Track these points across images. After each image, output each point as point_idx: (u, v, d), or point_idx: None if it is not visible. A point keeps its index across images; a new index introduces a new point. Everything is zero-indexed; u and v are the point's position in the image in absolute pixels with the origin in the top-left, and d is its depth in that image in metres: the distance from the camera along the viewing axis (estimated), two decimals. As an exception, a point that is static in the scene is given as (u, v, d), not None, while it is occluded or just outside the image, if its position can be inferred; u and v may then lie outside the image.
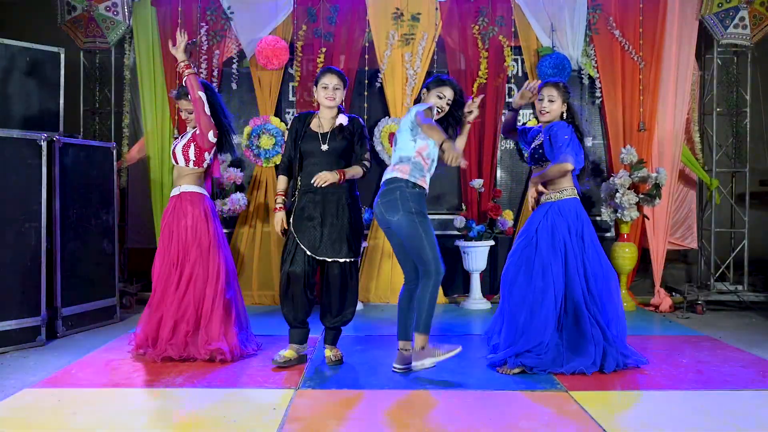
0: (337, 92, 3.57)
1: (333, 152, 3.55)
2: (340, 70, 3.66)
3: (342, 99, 3.64)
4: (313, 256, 3.51)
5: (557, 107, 3.64)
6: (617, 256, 5.48)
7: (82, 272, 4.55)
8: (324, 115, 3.63)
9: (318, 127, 3.61)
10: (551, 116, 3.65)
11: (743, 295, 5.63)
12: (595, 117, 5.87)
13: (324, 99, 3.57)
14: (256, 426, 2.76)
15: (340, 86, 3.58)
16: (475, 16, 5.74)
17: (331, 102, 3.57)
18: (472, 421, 2.80)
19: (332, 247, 3.51)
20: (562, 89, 3.64)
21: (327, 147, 3.54)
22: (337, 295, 3.59)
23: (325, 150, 3.54)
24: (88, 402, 3.04)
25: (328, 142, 3.55)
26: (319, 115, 3.65)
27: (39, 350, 4.08)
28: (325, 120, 3.62)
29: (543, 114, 3.66)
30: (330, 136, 3.57)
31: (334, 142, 3.56)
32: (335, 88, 3.56)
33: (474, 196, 5.69)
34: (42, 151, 4.22)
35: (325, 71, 3.61)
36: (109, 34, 5.66)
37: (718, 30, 5.62)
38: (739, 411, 2.96)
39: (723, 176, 5.97)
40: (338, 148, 3.56)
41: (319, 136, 3.58)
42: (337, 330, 3.72)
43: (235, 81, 5.77)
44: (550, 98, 3.63)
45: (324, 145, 3.55)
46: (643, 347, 4.10)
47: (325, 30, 5.70)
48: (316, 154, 3.55)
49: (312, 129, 3.61)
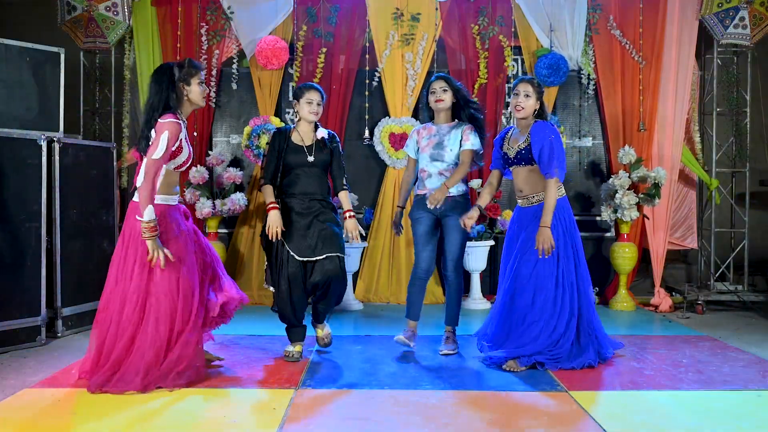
0: (320, 108, 3.77)
1: (318, 164, 3.75)
2: (320, 87, 3.82)
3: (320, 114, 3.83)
4: (307, 259, 3.62)
5: (532, 103, 3.65)
6: (617, 256, 5.48)
7: (82, 272, 4.55)
8: (303, 129, 3.80)
9: (300, 141, 3.77)
10: (526, 112, 3.65)
11: (743, 295, 5.63)
12: (595, 117, 5.87)
13: (308, 114, 3.74)
14: (256, 426, 2.76)
15: (322, 102, 3.78)
16: (475, 16, 5.74)
17: (315, 117, 3.75)
18: (472, 421, 2.80)
19: (325, 245, 3.63)
20: (536, 86, 3.67)
21: (313, 159, 3.73)
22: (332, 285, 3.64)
23: (311, 161, 3.73)
24: (88, 402, 3.04)
25: (313, 154, 3.74)
26: (298, 129, 3.81)
27: (39, 350, 4.07)
28: (305, 134, 3.79)
29: (518, 110, 3.66)
30: (315, 148, 3.76)
31: (319, 155, 3.76)
32: (318, 104, 3.75)
33: (474, 196, 5.69)
34: (42, 151, 4.22)
35: (309, 87, 3.78)
36: (109, 34, 5.66)
37: (718, 30, 5.62)
38: (739, 411, 2.96)
39: (723, 176, 5.97)
40: (322, 159, 3.76)
41: (305, 148, 3.75)
42: (325, 310, 3.83)
43: (235, 81, 5.77)
44: (525, 93, 3.64)
45: (310, 156, 3.73)
46: (643, 347, 4.11)
47: (325, 30, 5.70)
48: (303, 165, 3.73)
49: (295, 143, 3.76)
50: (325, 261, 3.60)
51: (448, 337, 3.96)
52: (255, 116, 5.67)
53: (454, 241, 3.83)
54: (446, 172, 3.83)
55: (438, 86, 3.84)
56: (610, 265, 5.65)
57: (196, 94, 3.32)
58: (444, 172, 3.83)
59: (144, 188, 3.08)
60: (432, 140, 3.88)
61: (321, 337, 3.91)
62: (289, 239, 3.64)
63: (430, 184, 3.85)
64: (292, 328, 3.78)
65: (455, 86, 3.86)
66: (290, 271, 3.62)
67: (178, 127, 3.18)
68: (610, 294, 5.65)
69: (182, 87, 3.29)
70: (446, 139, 3.84)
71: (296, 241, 3.63)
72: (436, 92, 3.84)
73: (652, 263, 5.66)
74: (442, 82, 3.84)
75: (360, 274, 5.70)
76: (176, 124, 3.18)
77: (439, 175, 3.84)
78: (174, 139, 3.16)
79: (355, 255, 5.44)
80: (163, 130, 3.12)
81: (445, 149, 3.83)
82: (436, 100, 3.84)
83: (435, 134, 3.89)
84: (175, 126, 3.16)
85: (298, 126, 3.81)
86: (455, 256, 3.85)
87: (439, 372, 3.52)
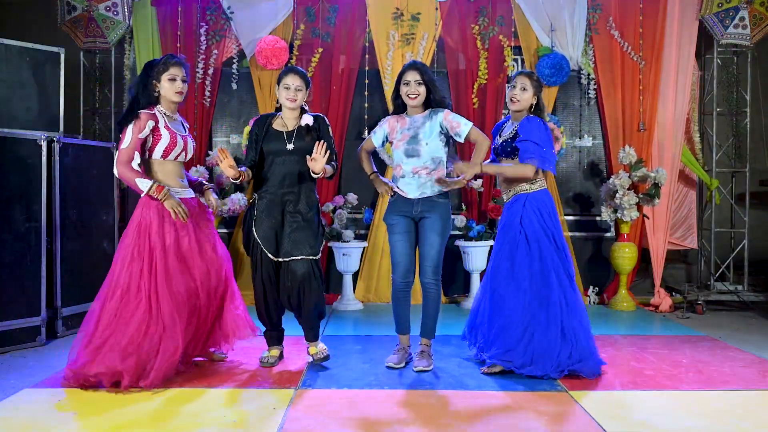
0: (299, 93, 3.49)
1: (298, 151, 3.48)
2: (303, 71, 3.56)
3: (304, 100, 3.56)
4: (276, 259, 3.47)
5: (528, 97, 3.56)
6: (617, 256, 5.48)
7: (82, 272, 4.55)
8: (287, 116, 3.57)
9: (282, 127, 3.55)
10: (521, 105, 3.56)
11: (743, 295, 5.63)
12: (595, 117, 5.87)
13: (285, 100, 3.50)
14: (256, 426, 2.76)
15: (302, 87, 3.50)
16: (475, 16, 5.74)
17: (292, 103, 3.50)
18: (472, 421, 2.80)
19: (295, 246, 3.44)
20: (535, 80, 3.59)
21: (292, 146, 3.48)
22: (305, 293, 3.46)
23: (291, 149, 3.48)
24: (88, 402, 3.04)
25: (293, 141, 3.49)
26: (282, 116, 3.58)
27: (39, 350, 4.07)
28: (288, 120, 3.56)
29: (513, 102, 3.58)
30: (296, 134, 3.51)
31: (300, 142, 3.49)
32: (297, 89, 3.48)
33: (474, 196, 5.70)
34: (42, 151, 4.22)
35: (288, 71, 3.51)
36: (109, 34, 5.66)
37: (718, 30, 5.62)
38: (739, 411, 2.96)
39: (723, 176, 5.97)
40: (304, 147, 3.47)
41: (284, 135, 3.51)
42: (311, 327, 3.58)
43: (235, 81, 5.78)
44: (522, 86, 3.55)
45: (289, 144, 3.48)
46: (643, 347, 4.11)
47: (324, 30, 5.70)
48: (281, 153, 3.49)
49: (275, 128, 3.54)
50: (296, 264, 3.43)
51: (423, 351, 3.60)
52: (255, 116, 5.66)
53: (433, 243, 3.49)
54: (422, 171, 3.49)
55: (412, 78, 3.49)
56: (610, 265, 5.65)
57: (166, 89, 3.42)
58: (420, 170, 3.50)
59: (122, 174, 3.31)
60: (406, 134, 3.54)
61: (312, 354, 3.61)
62: (264, 238, 3.47)
63: (403, 186, 3.54)
64: (268, 332, 3.66)
65: (429, 78, 3.52)
66: (264, 271, 3.48)
67: (145, 116, 3.34)
68: (610, 294, 5.65)
69: (154, 84, 3.43)
70: (421, 132, 3.51)
71: (270, 240, 3.46)
72: (410, 85, 3.49)
73: (652, 263, 5.66)
74: (416, 74, 3.49)
75: (360, 274, 5.70)
76: (143, 115, 3.34)
77: (413, 174, 3.50)
78: (140, 129, 3.32)
79: (356, 255, 5.44)
80: (128, 124, 3.34)
81: (420, 143, 3.50)
82: (410, 94, 3.50)
83: (408, 127, 3.55)
84: (142, 117, 3.34)
85: (283, 112, 3.58)
86: (434, 261, 3.50)
87: (438, 372, 3.52)
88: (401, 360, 3.61)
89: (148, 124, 3.34)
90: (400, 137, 3.56)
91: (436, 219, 3.50)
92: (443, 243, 3.53)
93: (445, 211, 3.54)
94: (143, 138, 3.34)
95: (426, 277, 3.52)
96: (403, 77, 3.53)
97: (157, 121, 3.38)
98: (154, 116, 3.38)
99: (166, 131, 3.40)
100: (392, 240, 3.57)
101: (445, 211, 3.54)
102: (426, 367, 3.53)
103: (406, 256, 3.54)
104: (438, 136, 3.53)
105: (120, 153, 3.32)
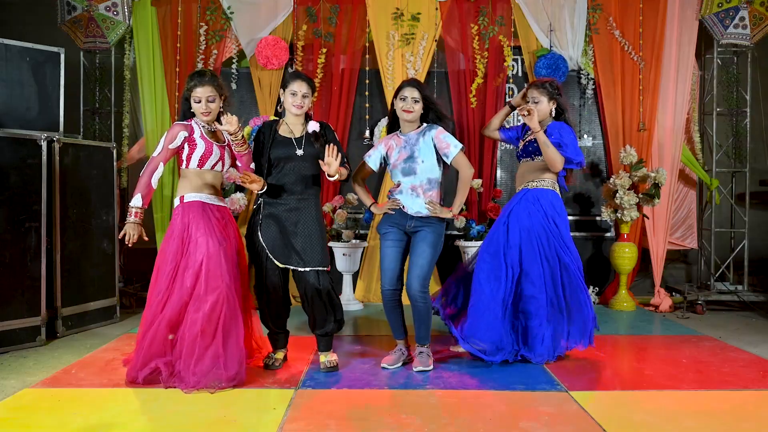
0: (306, 100, 3.47)
1: (308, 157, 3.47)
2: (309, 77, 3.54)
3: (310, 106, 3.54)
4: (285, 266, 3.44)
5: (544, 107, 3.72)
6: (617, 256, 5.48)
7: (82, 272, 4.55)
8: (292, 122, 3.54)
9: (289, 133, 3.52)
10: (540, 116, 3.70)
11: (743, 295, 5.63)
12: (595, 117, 5.88)
13: (291, 106, 3.47)
14: (256, 426, 2.76)
15: (309, 94, 3.48)
16: (475, 16, 5.74)
17: (298, 110, 3.47)
18: (472, 421, 2.80)
19: (304, 256, 3.40)
20: (547, 88, 3.72)
21: (302, 152, 3.46)
22: (319, 305, 3.46)
23: (301, 155, 3.46)
24: (88, 402, 3.04)
25: (303, 147, 3.47)
26: (287, 122, 3.55)
27: (39, 350, 4.07)
28: (294, 126, 3.53)
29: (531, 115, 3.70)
30: (305, 140, 3.49)
31: (309, 148, 3.48)
32: (304, 96, 3.46)
33: (474, 196, 5.70)
34: (42, 151, 4.22)
35: (295, 77, 3.49)
36: (109, 34, 5.66)
37: (718, 30, 5.62)
38: (739, 411, 2.96)
39: (723, 176, 5.97)
40: (314, 152, 3.48)
41: (293, 141, 3.49)
42: (326, 337, 3.57)
43: (235, 81, 5.78)
44: (533, 100, 3.74)
45: (299, 150, 3.46)
46: (643, 347, 4.11)
47: (325, 30, 5.70)
48: (292, 159, 3.46)
49: (283, 135, 3.51)
50: (306, 274, 3.41)
51: (422, 353, 3.59)
52: (255, 116, 5.67)
53: (423, 253, 3.46)
54: (418, 188, 3.50)
55: (409, 94, 3.49)
56: (610, 265, 5.65)
57: (195, 108, 3.45)
58: (416, 187, 3.51)
59: (140, 179, 3.36)
60: (402, 153, 3.56)
61: (323, 362, 3.57)
62: (270, 243, 3.43)
63: (403, 200, 3.54)
64: (273, 335, 3.65)
65: (425, 95, 3.54)
66: (270, 275, 3.46)
67: (177, 128, 3.41)
68: (611, 294, 5.65)
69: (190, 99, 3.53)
70: (416, 149, 3.52)
71: (278, 246, 3.42)
72: (406, 100, 3.50)
73: (652, 263, 5.67)
74: (414, 91, 3.50)
75: (360, 274, 5.70)
76: (176, 126, 3.42)
77: (411, 191, 3.52)
78: (171, 139, 3.38)
79: (355, 255, 5.44)
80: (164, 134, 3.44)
81: (416, 161, 3.51)
82: (405, 110, 3.50)
83: (404, 146, 3.57)
84: (174, 128, 3.41)
85: (286, 118, 3.55)
86: (423, 270, 3.44)
87: (438, 372, 3.52)
88: (396, 361, 3.62)
89: (179, 135, 3.36)
90: (398, 156, 3.58)
91: (430, 232, 3.51)
92: (434, 256, 3.50)
93: (439, 227, 3.55)
94: (174, 149, 3.39)
95: (412, 289, 3.45)
96: (400, 93, 3.54)
97: (191, 132, 3.40)
98: (189, 127, 3.41)
99: (202, 141, 3.41)
100: (383, 247, 3.59)
101: (439, 227, 3.54)
102: (426, 367, 3.53)
103: (394, 262, 3.54)
104: (433, 153, 3.53)
105: (150, 159, 3.40)
